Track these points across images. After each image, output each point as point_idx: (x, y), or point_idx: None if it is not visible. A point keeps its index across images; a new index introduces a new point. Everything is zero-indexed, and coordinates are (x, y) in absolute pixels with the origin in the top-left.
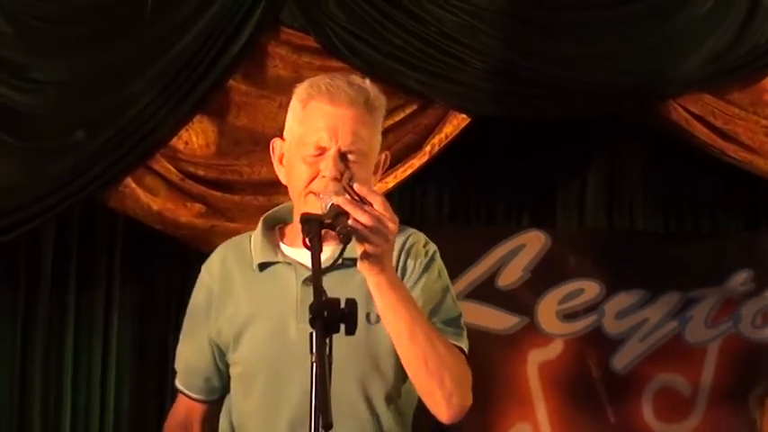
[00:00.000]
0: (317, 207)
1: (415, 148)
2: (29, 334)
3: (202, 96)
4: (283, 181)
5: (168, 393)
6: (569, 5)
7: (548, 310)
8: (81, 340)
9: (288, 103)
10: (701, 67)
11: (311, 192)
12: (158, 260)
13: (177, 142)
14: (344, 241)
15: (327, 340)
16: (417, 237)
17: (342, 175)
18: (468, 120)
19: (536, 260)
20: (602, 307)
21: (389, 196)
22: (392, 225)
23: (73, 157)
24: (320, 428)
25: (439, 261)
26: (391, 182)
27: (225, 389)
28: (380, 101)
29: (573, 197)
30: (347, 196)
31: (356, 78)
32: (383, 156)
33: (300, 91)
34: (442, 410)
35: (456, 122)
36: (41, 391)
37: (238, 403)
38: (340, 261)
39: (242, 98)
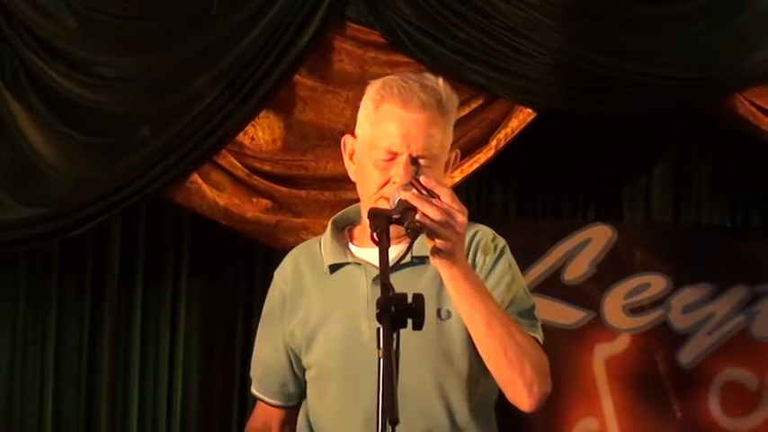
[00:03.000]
0: (393, 202)
1: (481, 142)
2: (96, 329)
3: (268, 92)
4: (352, 177)
5: (235, 389)
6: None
7: (614, 304)
8: (148, 336)
9: (354, 97)
10: None
11: (382, 197)
12: (225, 255)
13: (243, 138)
14: (413, 236)
15: (395, 335)
16: (485, 232)
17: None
18: (534, 114)
19: (602, 254)
20: (669, 301)
21: (455, 191)
22: (461, 217)
23: (139, 153)
24: (387, 424)
25: (509, 255)
26: (457, 176)
27: (301, 395)
28: (453, 101)
29: (639, 191)
30: (414, 191)
31: (429, 78)
32: (453, 154)
33: (373, 91)
34: (524, 399)
35: (522, 117)
36: (109, 387)
37: (314, 405)
38: (408, 258)
39: (308, 93)
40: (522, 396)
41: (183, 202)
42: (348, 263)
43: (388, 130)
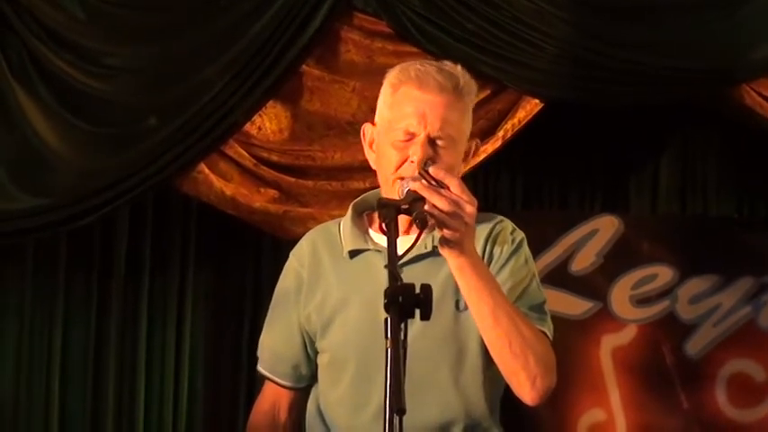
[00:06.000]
0: (402, 192)
1: (488, 133)
2: (103, 319)
3: (275, 82)
4: (373, 165)
5: (242, 379)
6: None
7: (621, 295)
8: (155, 325)
9: (361, 88)
10: None
11: (399, 177)
12: (232, 245)
13: (250, 128)
14: (420, 227)
15: (402, 326)
16: (504, 224)
17: (431, 160)
18: (541, 105)
19: (609, 245)
20: (676, 292)
21: (463, 181)
22: (470, 208)
23: (147, 142)
24: (394, 413)
25: (525, 248)
26: (464, 167)
27: (312, 378)
28: (471, 87)
29: (646, 182)
30: (423, 181)
31: (447, 64)
32: (473, 143)
33: (391, 76)
34: (527, 392)
35: (529, 108)
36: (116, 376)
37: (326, 391)
38: (429, 248)
39: (315, 83)
40: (526, 389)
41: (190, 192)
42: (368, 249)
43: (405, 111)
